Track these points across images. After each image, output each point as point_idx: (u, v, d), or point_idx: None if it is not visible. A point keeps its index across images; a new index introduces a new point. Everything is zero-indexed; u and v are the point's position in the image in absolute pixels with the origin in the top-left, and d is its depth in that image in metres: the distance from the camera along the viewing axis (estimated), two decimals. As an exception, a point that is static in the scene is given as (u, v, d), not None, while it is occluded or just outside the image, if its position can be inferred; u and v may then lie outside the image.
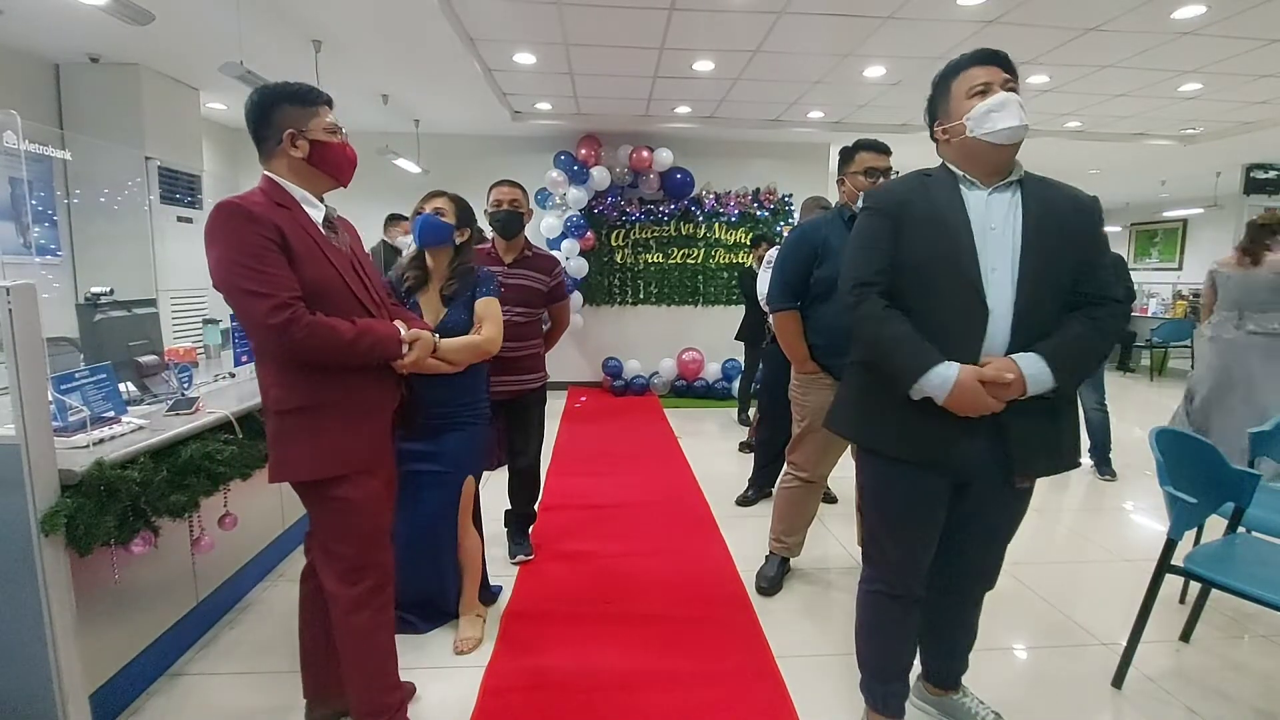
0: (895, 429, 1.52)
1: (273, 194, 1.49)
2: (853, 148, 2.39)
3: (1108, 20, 3.70)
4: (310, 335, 1.41)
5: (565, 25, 3.90)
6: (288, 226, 1.44)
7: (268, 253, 1.40)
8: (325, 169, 1.55)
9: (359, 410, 1.56)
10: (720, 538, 3.12)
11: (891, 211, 1.51)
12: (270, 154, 1.52)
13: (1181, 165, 7.62)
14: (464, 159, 6.56)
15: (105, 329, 2.30)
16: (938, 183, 1.51)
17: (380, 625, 1.64)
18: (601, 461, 4.40)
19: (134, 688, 1.91)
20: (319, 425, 1.50)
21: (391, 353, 1.58)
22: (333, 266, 1.52)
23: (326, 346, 1.44)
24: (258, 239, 1.39)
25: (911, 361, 1.42)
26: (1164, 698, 1.97)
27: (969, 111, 1.44)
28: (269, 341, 1.41)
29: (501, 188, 2.59)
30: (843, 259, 1.61)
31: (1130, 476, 4.08)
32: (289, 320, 1.38)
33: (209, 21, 3.64)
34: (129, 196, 4.39)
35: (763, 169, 6.86)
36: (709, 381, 6.57)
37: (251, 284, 1.38)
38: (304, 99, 1.52)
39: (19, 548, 1.52)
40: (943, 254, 1.44)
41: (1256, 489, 2.01)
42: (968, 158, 1.48)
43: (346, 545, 1.57)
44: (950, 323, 1.44)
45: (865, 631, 1.72)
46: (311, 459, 1.50)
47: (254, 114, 1.50)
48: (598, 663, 2.10)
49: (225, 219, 1.40)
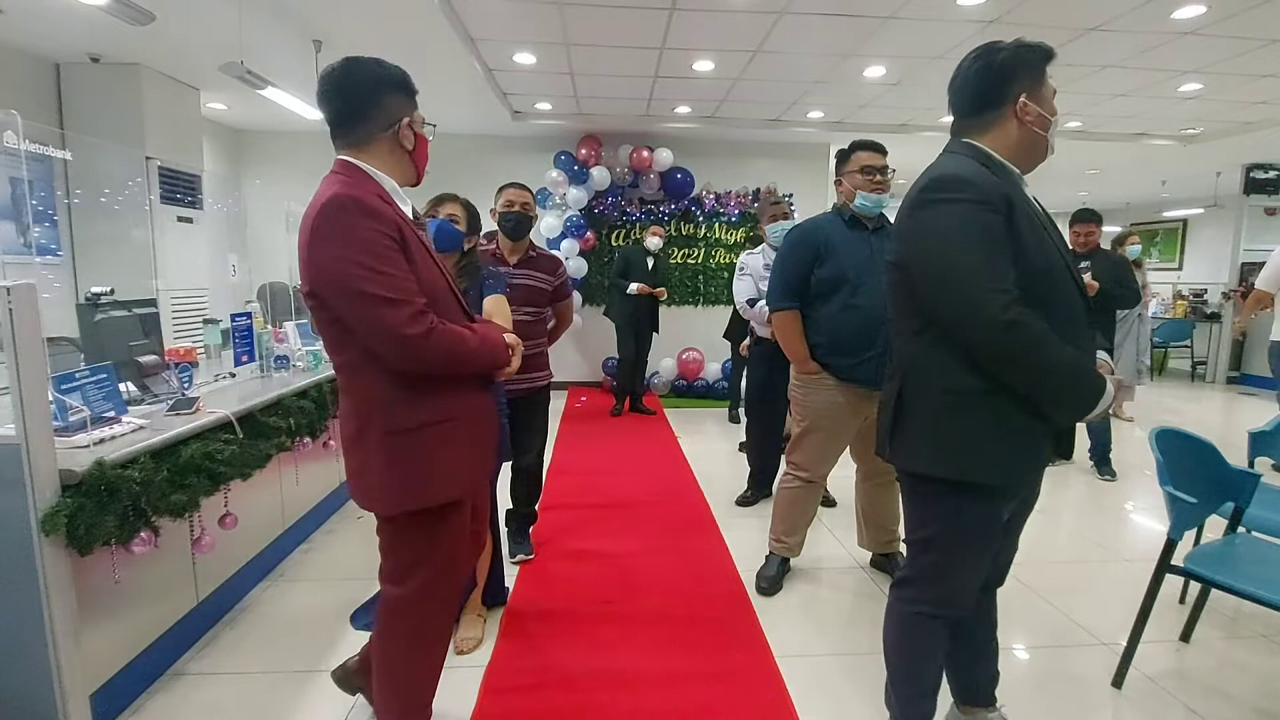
0: (1011, 457, 1.37)
1: (368, 185, 1.31)
2: (849, 148, 2.40)
3: (1108, 20, 3.70)
4: (448, 344, 1.30)
5: (566, 25, 3.90)
6: (401, 223, 1.31)
7: (394, 253, 1.25)
8: (419, 164, 1.45)
9: (479, 422, 1.45)
10: (720, 537, 3.12)
11: (1000, 205, 1.28)
12: (368, 139, 1.35)
13: (1181, 165, 7.62)
14: (464, 159, 6.55)
15: (105, 329, 2.30)
16: (1007, 176, 1.35)
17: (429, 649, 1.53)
18: (601, 461, 4.40)
19: (134, 688, 1.91)
20: (447, 442, 1.37)
21: (502, 360, 1.47)
22: (437, 267, 1.39)
23: (458, 355, 1.33)
24: (382, 238, 1.24)
25: (1093, 384, 1.28)
26: (1164, 698, 1.97)
27: (1055, 114, 1.38)
28: (407, 354, 1.26)
29: (513, 190, 2.61)
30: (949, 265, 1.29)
31: (1130, 476, 4.07)
32: (430, 329, 1.25)
33: (209, 21, 3.64)
34: (129, 196, 4.39)
35: (763, 169, 6.86)
36: (709, 381, 6.57)
37: (383, 289, 1.22)
38: (411, 90, 1.41)
39: (19, 548, 1.52)
40: (1054, 256, 1.33)
41: (1256, 489, 2.01)
42: (1023, 153, 1.38)
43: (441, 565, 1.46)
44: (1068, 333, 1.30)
45: (908, 653, 1.60)
46: (440, 480, 1.37)
47: (357, 92, 1.34)
48: (598, 663, 2.10)
49: (343, 215, 1.23)
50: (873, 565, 2.80)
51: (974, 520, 1.43)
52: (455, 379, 1.38)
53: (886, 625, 1.63)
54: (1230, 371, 7.71)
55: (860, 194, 2.32)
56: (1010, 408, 1.33)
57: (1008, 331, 1.23)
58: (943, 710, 1.73)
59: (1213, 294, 8.30)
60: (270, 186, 6.35)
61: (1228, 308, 7.59)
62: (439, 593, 1.48)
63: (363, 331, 1.26)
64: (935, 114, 5.62)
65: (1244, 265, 7.90)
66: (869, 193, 2.31)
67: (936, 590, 1.51)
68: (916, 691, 1.61)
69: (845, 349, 2.33)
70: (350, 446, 1.39)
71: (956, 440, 1.38)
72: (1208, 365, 7.98)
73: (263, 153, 6.49)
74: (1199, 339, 8.14)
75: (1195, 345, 8.19)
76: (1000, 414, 1.33)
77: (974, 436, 1.36)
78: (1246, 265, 7.93)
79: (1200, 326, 8.09)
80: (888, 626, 1.62)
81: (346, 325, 1.28)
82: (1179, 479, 1.89)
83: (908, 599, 1.56)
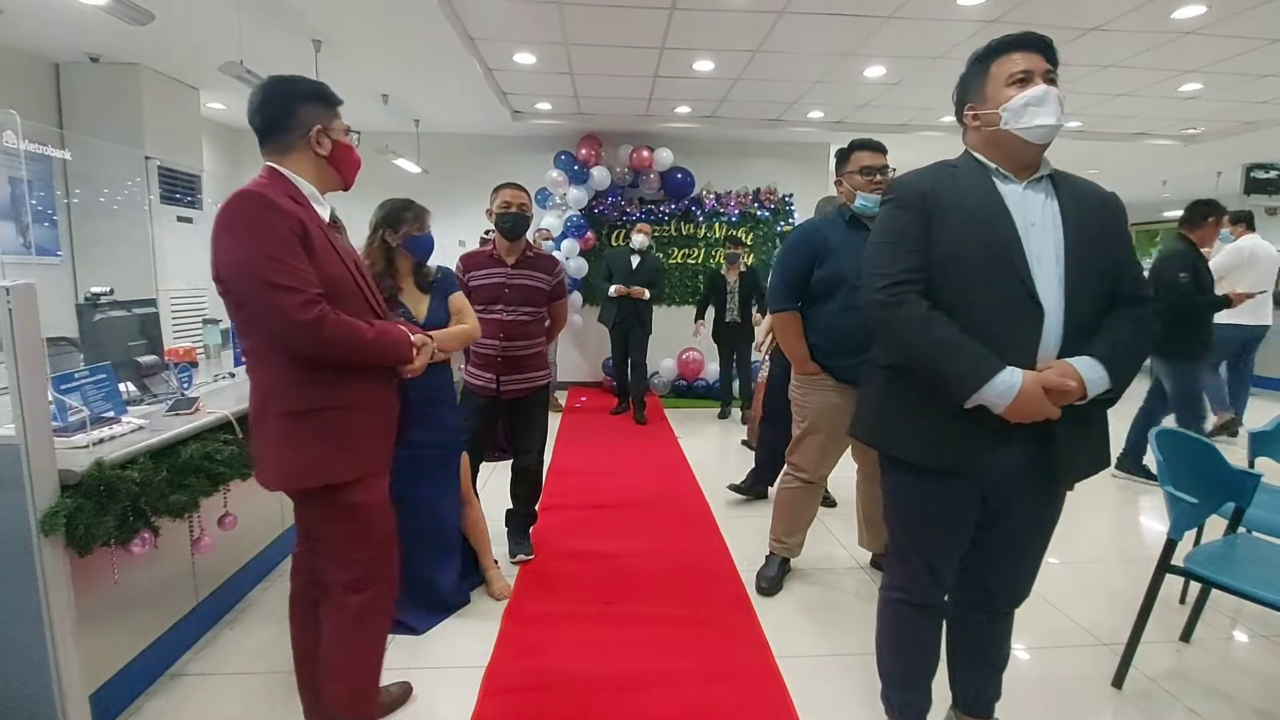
0: (924, 436, 1.43)
1: (283, 187, 1.44)
2: (848, 148, 2.40)
3: (1108, 20, 3.70)
4: (339, 333, 1.39)
5: (565, 25, 3.90)
6: (307, 221, 1.41)
7: (295, 246, 1.36)
8: (339, 169, 1.55)
9: (373, 411, 1.54)
10: (720, 538, 3.12)
11: (916, 204, 1.40)
12: (288, 148, 1.48)
13: (1182, 165, 7.62)
14: (464, 159, 6.55)
15: (105, 329, 2.30)
16: (968, 174, 1.41)
17: (382, 632, 1.64)
18: (601, 461, 4.40)
19: (134, 688, 1.91)
20: (336, 427, 1.46)
21: (404, 356, 1.56)
22: (343, 264, 1.49)
23: (350, 345, 1.42)
24: (285, 231, 1.35)
25: (971, 368, 1.31)
26: (1164, 698, 1.97)
27: (1006, 101, 1.34)
28: (298, 339, 1.36)
29: (510, 190, 2.62)
30: (864, 257, 1.49)
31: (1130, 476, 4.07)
32: (320, 316, 1.35)
33: (209, 21, 3.64)
34: (129, 196, 4.39)
35: (763, 169, 6.86)
36: (709, 381, 6.56)
37: (281, 278, 1.33)
38: (328, 99, 1.52)
39: (19, 548, 1.52)
40: (988, 250, 1.33)
41: (1257, 489, 2.01)
42: (997, 150, 1.39)
43: (361, 551, 1.55)
44: (997, 324, 1.33)
45: (884, 640, 1.67)
46: (331, 461, 1.46)
47: (273, 106, 1.46)
48: (598, 663, 2.10)
49: (250, 208, 1.35)
50: (873, 565, 2.80)
51: (910, 496, 1.51)
52: (355, 370, 1.48)
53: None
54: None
55: (860, 194, 2.31)
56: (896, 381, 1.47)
57: (878, 310, 1.41)
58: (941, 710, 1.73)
59: (1213, 294, 8.27)
60: (270, 186, 6.34)
61: (1228, 307, 7.57)
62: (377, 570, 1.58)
63: (261, 316, 1.37)
64: (935, 114, 5.61)
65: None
66: (869, 193, 2.29)
67: (898, 572, 1.60)
68: (893, 680, 1.66)
69: (844, 350, 2.32)
70: (254, 426, 1.51)
71: (881, 414, 1.53)
72: (1208, 365, 7.96)
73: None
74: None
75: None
76: (910, 391, 1.44)
77: (893, 412, 1.50)
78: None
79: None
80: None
81: (250, 312, 1.40)
82: (1179, 479, 1.89)
83: (883, 584, 1.66)
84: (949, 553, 1.52)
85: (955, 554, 1.53)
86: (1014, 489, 1.43)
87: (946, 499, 1.45)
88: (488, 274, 2.60)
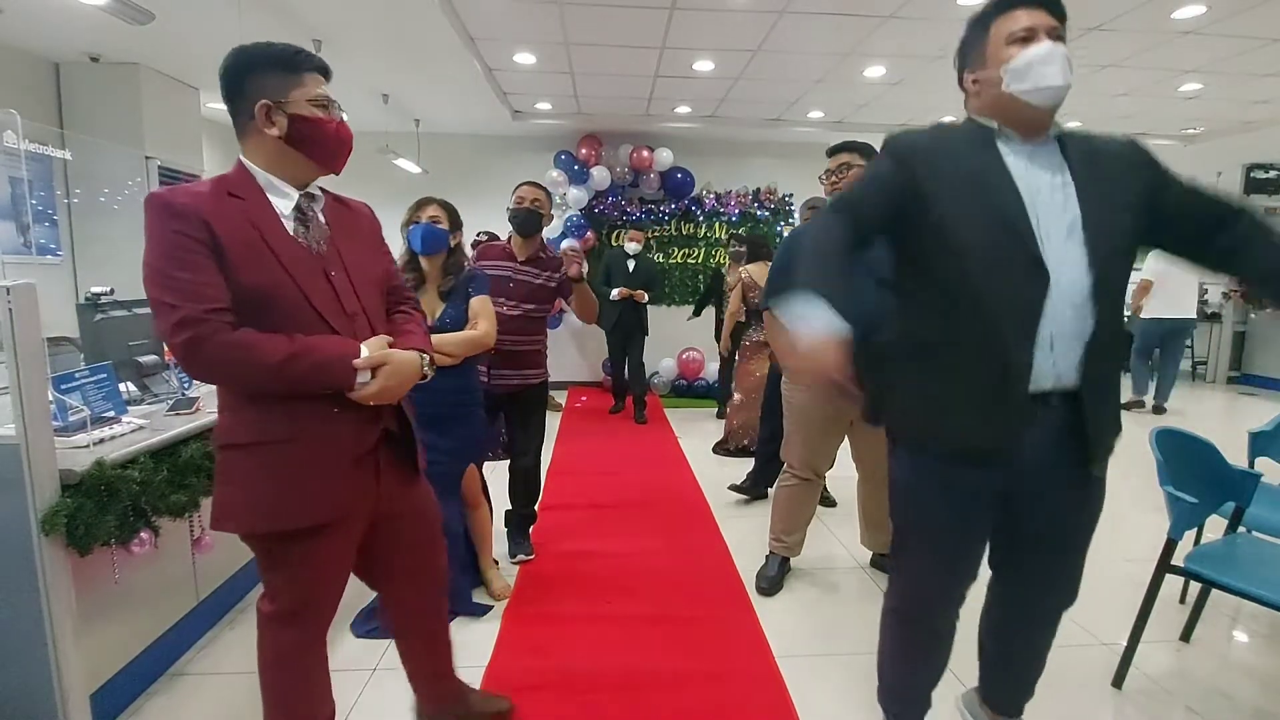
0: (958, 418, 1.30)
1: (229, 182, 1.25)
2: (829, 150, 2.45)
3: (1108, 20, 3.70)
4: (226, 356, 1.16)
5: (565, 25, 3.90)
6: (228, 221, 1.20)
7: (188, 255, 1.15)
8: (307, 151, 1.28)
9: (301, 452, 1.26)
10: (720, 537, 3.12)
11: (904, 154, 1.30)
12: (242, 131, 1.27)
13: (1182, 165, 7.36)
14: (464, 159, 6.55)
15: (105, 329, 2.30)
16: (967, 136, 1.32)
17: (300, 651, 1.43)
18: (601, 461, 4.40)
19: (134, 687, 1.91)
20: (258, 469, 1.25)
21: (339, 379, 1.25)
22: (283, 270, 1.24)
23: (246, 372, 1.19)
24: (176, 238, 1.15)
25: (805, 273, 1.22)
26: (1164, 698, 1.97)
27: (1007, 62, 1.24)
28: (180, 360, 1.18)
29: (525, 187, 2.65)
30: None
31: (1130, 476, 4.07)
32: (194, 339, 1.14)
33: (209, 21, 3.64)
34: (129, 196, 4.38)
35: (763, 169, 6.86)
36: (709, 381, 6.56)
37: (159, 292, 1.15)
38: (286, 64, 1.25)
39: (19, 548, 1.52)
40: (986, 215, 1.24)
41: (1256, 489, 2.01)
42: (1002, 115, 1.29)
43: (285, 595, 1.36)
44: (997, 294, 1.24)
45: (882, 649, 1.63)
46: (245, 509, 1.27)
47: (225, 81, 1.25)
48: (598, 662, 2.10)
49: (148, 213, 1.17)
50: (873, 565, 2.80)
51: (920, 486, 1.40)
52: (303, 397, 1.25)
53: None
54: (1230, 371, 7.70)
55: (826, 197, 2.43)
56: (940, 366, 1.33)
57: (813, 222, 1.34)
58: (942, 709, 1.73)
59: (1213, 294, 8.29)
60: (270, 186, 6.34)
61: (1228, 307, 7.59)
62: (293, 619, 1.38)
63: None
64: (936, 113, 5.61)
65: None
66: (828, 194, 2.39)
67: (901, 585, 1.54)
68: (896, 691, 1.63)
69: None
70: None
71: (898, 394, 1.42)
72: (1208, 365, 7.97)
73: (263, 152, 6.48)
74: (1199, 339, 8.12)
75: (1195, 345, 8.18)
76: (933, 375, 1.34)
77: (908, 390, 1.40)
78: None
79: (1200, 326, 8.08)
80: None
81: None
82: (1179, 479, 1.89)
83: (885, 592, 1.61)
84: (956, 562, 1.42)
85: (964, 565, 1.43)
86: (1047, 473, 1.32)
87: (968, 494, 1.34)
88: (496, 266, 2.61)
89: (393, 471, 1.43)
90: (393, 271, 1.55)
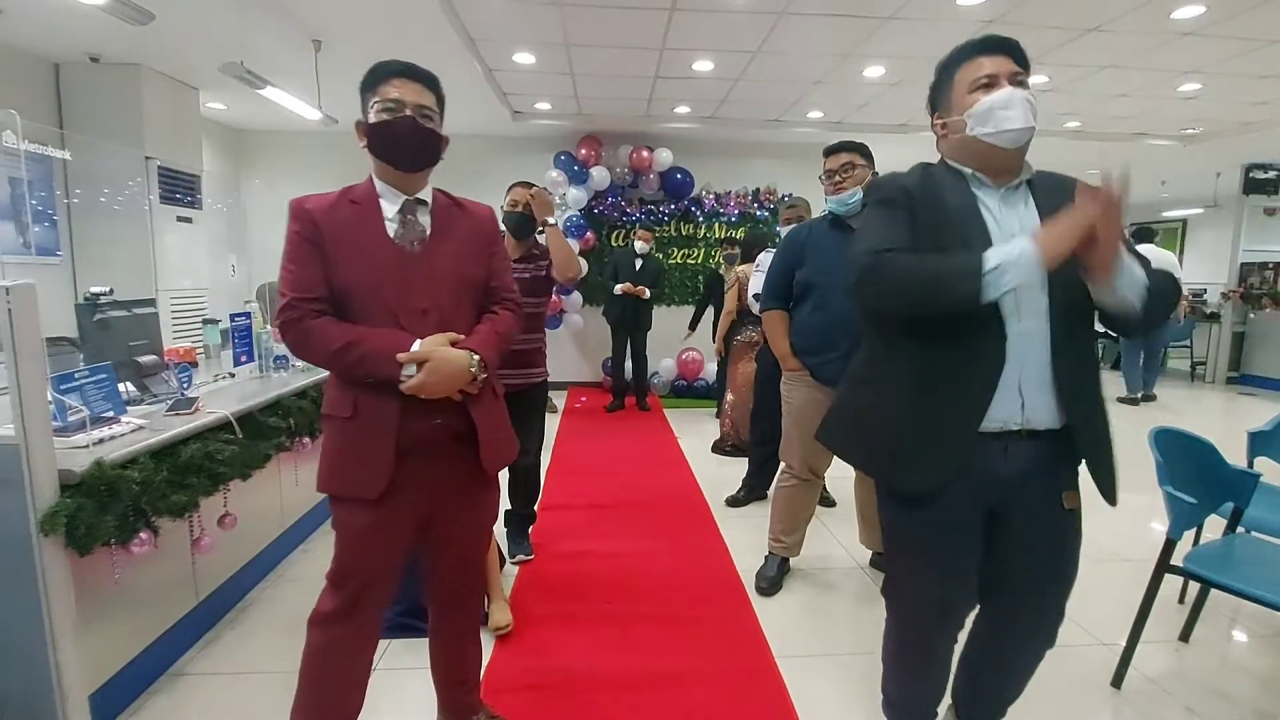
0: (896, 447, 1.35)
1: (354, 191, 1.45)
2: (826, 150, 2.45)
3: (1108, 20, 3.70)
4: (300, 340, 1.36)
5: (565, 25, 3.90)
6: (337, 225, 1.38)
7: (299, 249, 1.37)
8: (382, 155, 1.42)
9: (358, 431, 1.39)
10: (720, 537, 3.12)
11: (901, 200, 1.34)
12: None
13: (1181, 165, 7.62)
14: (464, 159, 6.53)
15: (105, 329, 2.30)
16: (943, 180, 1.35)
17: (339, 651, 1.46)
18: (601, 461, 4.40)
19: (134, 688, 1.91)
20: (331, 438, 1.44)
21: (385, 369, 1.35)
22: (368, 268, 1.38)
23: (313, 354, 1.38)
24: (294, 236, 1.39)
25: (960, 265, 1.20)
26: (1164, 698, 1.97)
27: (970, 107, 1.28)
28: (281, 337, 1.40)
29: (519, 189, 2.61)
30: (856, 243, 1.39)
31: (1130, 476, 4.07)
32: (285, 322, 1.36)
33: (209, 21, 3.64)
34: (129, 196, 4.39)
35: (762, 169, 6.86)
36: (709, 381, 6.56)
37: (279, 280, 1.39)
38: (365, 83, 1.42)
39: (19, 548, 1.52)
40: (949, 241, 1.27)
41: (1256, 489, 2.01)
42: (970, 157, 1.33)
43: (336, 559, 1.45)
44: (963, 344, 1.27)
45: (885, 655, 1.62)
46: (321, 470, 1.44)
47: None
48: (598, 662, 2.10)
49: (288, 216, 1.41)
50: (872, 565, 2.80)
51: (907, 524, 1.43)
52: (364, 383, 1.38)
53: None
54: (1230, 371, 7.71)
55: (828, 198, 2.41)
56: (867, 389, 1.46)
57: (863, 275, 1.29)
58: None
59: (1212, 294, 8.31)
60: (270, 186, 6.35)
61: (1227, 308, 7.60)
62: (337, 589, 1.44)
63: None
64: (935, 114, 5.61)
65: (1243, 265, 7.92)
66: (830, 195, 2.39)
67: (893, 615, 1.55)
68: (900, 704, 1.62)
69: (811, 349, 2.42)
70: None
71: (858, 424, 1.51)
72: (1207, 365, 7.98)
73: (262, 152, 6.49)
74: (1198, 339, 8.14)
75: (1195, 345, 8.19)
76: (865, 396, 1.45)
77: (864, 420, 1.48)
78: (1246, 265, 7.94)
79: (1200, 326, 8.10)
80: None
81: None
82: (1179, 479, 1.89)
83: (887, 609, 1.59)
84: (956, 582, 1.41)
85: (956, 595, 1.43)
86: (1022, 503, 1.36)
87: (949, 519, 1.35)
88: None
89: (452, 469, 1.48)
90: (495, 272, 1.59)
